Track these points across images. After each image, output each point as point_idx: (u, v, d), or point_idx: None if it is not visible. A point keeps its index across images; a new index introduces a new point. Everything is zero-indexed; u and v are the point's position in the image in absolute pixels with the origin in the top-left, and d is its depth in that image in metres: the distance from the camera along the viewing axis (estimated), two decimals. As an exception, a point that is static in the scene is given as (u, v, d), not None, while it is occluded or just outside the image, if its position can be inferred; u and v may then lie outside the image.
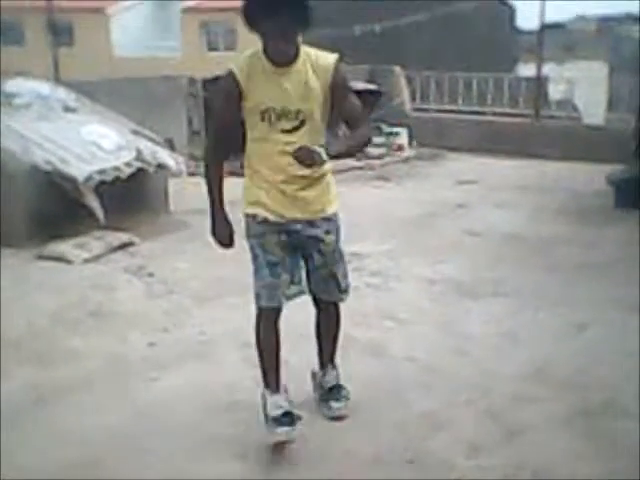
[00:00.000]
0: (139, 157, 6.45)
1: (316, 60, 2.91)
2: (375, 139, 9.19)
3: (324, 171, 3.03)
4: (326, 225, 3.06)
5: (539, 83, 12.70)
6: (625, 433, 3.12)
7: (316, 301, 3.25)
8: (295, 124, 2.92)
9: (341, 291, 3.21)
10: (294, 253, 3.06)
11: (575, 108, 17.38)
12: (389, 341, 4.12)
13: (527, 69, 20.73)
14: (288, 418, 2.99)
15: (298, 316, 3.40)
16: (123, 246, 6.00)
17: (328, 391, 3.33)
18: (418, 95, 14.43)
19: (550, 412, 3.32)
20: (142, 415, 3.31)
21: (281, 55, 2.85)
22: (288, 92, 2.87)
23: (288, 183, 2.97)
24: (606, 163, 8.69)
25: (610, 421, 3.24)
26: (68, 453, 3.00)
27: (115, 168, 6.18)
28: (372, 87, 11.73)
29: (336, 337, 3.34)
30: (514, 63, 26.72)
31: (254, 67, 2.90)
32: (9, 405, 3.36)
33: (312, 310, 3.29)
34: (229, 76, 2.92)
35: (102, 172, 6.06)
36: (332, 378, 3.36)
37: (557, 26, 31.37)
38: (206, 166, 3.11)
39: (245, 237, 3.07)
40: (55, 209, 5.91)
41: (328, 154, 2.83)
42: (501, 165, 10.57)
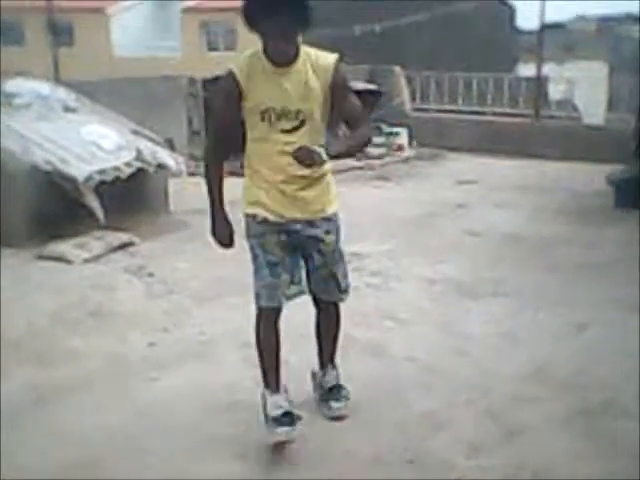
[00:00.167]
0: (139, 157, 6.45)
1: (316, 60, 2.91)
2: (375, 139, 9.19)
3: (324, 171, 3.03)
4: (326, 225, 3.06)
5: (539, 83, 12.70)
6: (625, 433, 3.12)
7: (316, 301, 3.25)
8: (295, 124, 2.92)
9: (341, 291, 3.21)
10: (294, 253, 3.06)
11: (575, 108, 17.39)
12: (389, 341, 4.12)
13: (527, 69, 20.73)
14: (288, 418, 2.99)
15: (298, 316, 3.40)
16: (123, 246, 6.00)
17: (328, 391, 3.33)
18: (418, 95, 14.43)
19: (550, 412, 3.32)
20: (142, 415, 3.31)
21: (281, 55, 2.85)
22: (288, 92, 2.87)
23: (288, 183, 2.97)
24: (606, 163, 8.69)
25: (610, 421, 3.24)
26: (68, 453, 3.00)
27: (115, 168, 6.18)
28: (372, 87, 11.73)
29: (336, 337, 3.35)
30: (514, 63, 26.72)
31: (254, 67, 2.89)
32: (9, 405, 3.36)
33: (312, 310, 3.29)
34: (229, 76, 2.92)
35: (102, 172, 6.06)
36: (332, 378, 3.36)
37: (557, 26, 31.37)
38: (206, 166, 3.12)
39: (245, 237, 3.07)
40: (55, 209, 5.91)
41: (328, 154, 2.83)
42: (501, 165, 10.57)
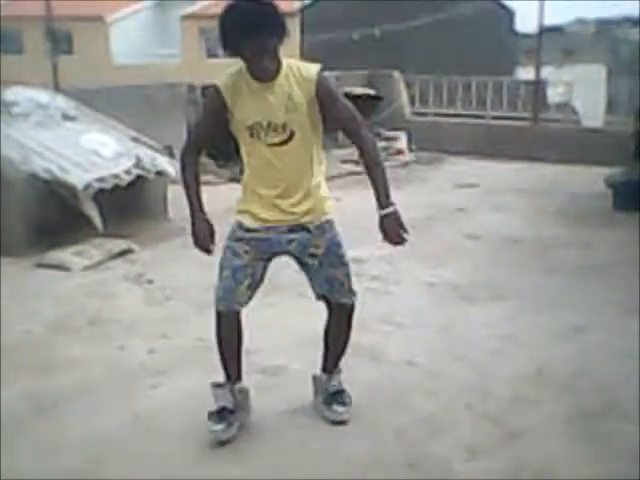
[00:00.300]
0: (138, 164, 6.46)
1: (299, 72, 2.92)
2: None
3: (319, 180, 3.05)
4: (319, 231, 3.07)
5: (538, 86, 12.69)
6: (625, 436, 3.12)
7: (328, 304, 3.24)
8: (284, 137, 2.93)
9: (350, 291, 3.21)
10: (267, 262, 3.07)
11: (574, 111, 17.40)
12: (389, 345, 4.12)
13: (526, 72, 20.74)
14: (225, 415, 3.04)
15: (300, 322, 3.40)
16: (122, 253, 6.01)
17: (332, 395, 3.32)
18: (417, 99, 14.43)
19: (550, 415, 3.32)
20: (142, 422, 3.32)
21: (265, 73, 2.87)
22: (273, 106, 2.88)
23: (283, 198, 2.99)
24: (605, 165, 8.68)
25: (610, 423, 3.24)
26: (68, 460, 3.00)
27: (114, 176, 6.18)
28: (371, 92, 11.75)
29: (346, 342, 3.33)
30: (513, 66, 26.76)
31: (239, 84, 2.91)
32: (8, 413, 3.36)
33: (314, 315, 3.29)
34: (215, 92, 2.94)
35: (101, 180, 6.07)
36: (337, 382, 3.36)
37: (556, 29, 31.39)
38: (182, 167, 3.10)
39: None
40: (54, 217, 5.92)
41: (391, 203, 2.89)
42: (500, 168, 10.57)
